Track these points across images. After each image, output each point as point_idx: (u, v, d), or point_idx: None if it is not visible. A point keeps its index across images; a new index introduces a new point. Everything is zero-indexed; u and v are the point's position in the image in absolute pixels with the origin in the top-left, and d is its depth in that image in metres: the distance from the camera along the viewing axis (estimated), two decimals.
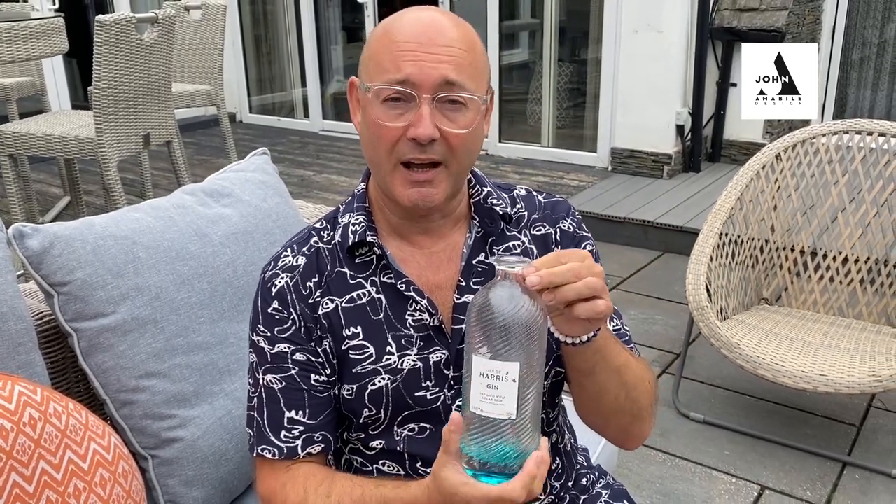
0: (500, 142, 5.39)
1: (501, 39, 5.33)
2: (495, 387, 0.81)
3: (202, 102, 4.41)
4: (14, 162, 3.34)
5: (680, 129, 4.71)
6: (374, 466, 1.06)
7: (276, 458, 1.01)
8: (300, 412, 1.01)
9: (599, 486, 1.21)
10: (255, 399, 1.04)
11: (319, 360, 1.02)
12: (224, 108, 4.46)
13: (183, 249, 1.29)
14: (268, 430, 1.02)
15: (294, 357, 1.01)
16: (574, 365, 0.96)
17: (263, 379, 1.03)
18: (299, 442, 1.01)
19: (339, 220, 1.06)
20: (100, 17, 2.97)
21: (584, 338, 0.90)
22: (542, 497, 1.10)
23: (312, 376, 1.01)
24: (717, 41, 4.68)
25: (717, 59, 4.70)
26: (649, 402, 1.04)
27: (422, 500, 0.90)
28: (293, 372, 1.01)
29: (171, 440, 1.23)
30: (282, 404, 1.01)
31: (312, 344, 1.02)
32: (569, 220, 1.11)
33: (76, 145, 3.18)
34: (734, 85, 4.68)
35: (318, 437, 1.02)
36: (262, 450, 1.02)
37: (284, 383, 1.01)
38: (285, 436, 1.01)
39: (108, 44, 3.00)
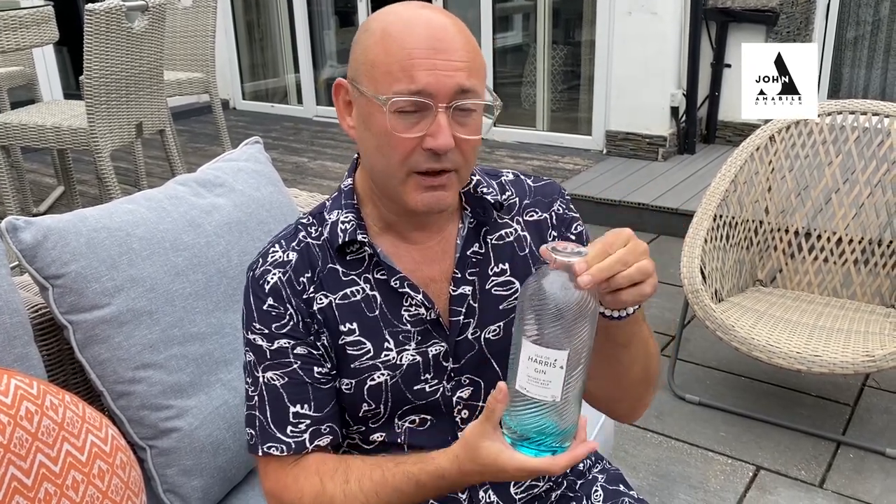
0: (494, 126, 5.37)
1: (495, 22, 5.28)
2: (542, 371, 0.82)
3: (195, 90, 4.39)
4: (7, 153, 3.32)
5: (674, 110, 4.70)
6: None
7: (285, 454, 1.00)
8: (305, 405, 1.00)
9: (596, 470, 1.21)
10: (256, 398, 1.02)
11: (320, 352, 1.01)
12: (217, 95, 4.43)
13: (177, 240, 1.29)
14: (273, 427, 1.00)
15: (295, 351, 1.00)
16: (613, 337, 0.96)
17: (264, 377, 1.01)
18: (307, 435, 1.00)
19: (327, 216, 1.04)
20: (89, 5, 2.95)
21: (631, 310, 0.92)
22: (541, 484, 1.10)
23: (315, 369, 1.01)
24: (710, 22, 4.66)
25: (711, 40, 4.69)
26: (658, 369, 1.06)
27: (451, 471, 0.91)
28: (296, 366, 1.00)
29: (168, 430, 1.24)
30: (286, 400, 1.00)
31: (311, 338, 1.01)
32: (560, 202, 1.11)
33: (69, 136, 3.16)
34: (728, 66, 4.67)
35: (325, 429, 1.01)
36: (269, 447, 1.00)
37: (287, 378, 1.00)
38: (292, 431, 1.00)
39: (99, 32, 2.98)
